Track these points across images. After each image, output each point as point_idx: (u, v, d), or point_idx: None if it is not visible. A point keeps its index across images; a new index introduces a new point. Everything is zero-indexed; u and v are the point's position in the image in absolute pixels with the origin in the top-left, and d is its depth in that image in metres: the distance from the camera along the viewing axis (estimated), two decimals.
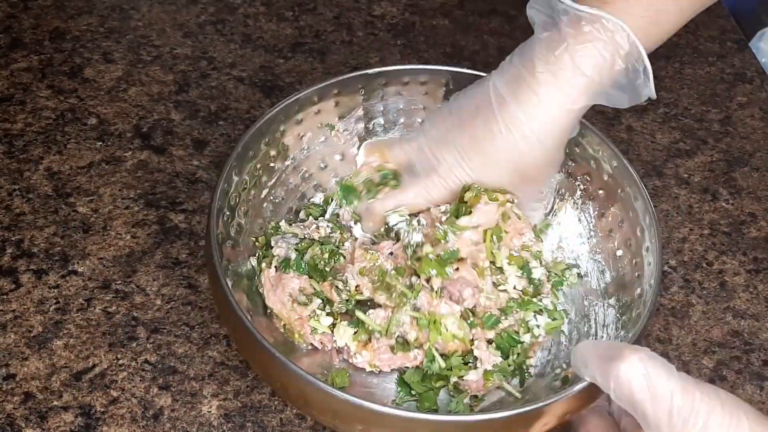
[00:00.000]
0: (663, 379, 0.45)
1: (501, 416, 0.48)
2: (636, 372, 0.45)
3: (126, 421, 0.56)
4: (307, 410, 0.53)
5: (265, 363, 0.49)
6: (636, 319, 0.54)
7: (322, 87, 0.63)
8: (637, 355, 0.45)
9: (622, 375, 0.45)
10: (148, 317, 0.62)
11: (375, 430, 0.48)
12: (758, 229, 0.74)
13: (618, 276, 0.60)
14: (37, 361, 0.59)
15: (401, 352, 0.56)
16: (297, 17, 0.90)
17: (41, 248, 0.66)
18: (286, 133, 0.62)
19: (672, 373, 0.45)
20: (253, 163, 0.60)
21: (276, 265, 0.59)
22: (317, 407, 0.49)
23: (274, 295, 0.57)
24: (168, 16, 0.88)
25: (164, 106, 0.78)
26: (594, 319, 0.60)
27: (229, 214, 0.57)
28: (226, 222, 0.57)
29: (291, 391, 0.49)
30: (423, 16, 0.91)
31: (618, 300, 0.59)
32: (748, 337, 0.66)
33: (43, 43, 0.83)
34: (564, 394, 0.48)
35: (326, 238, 0.60)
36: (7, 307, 0.62)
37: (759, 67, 0.89)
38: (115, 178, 0.72)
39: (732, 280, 0.69)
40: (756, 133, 0.82)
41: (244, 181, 0.59)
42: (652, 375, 0.45)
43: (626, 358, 0.45)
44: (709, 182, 0.77)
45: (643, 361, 0.45)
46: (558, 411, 0.49)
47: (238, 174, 0.58)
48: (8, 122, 0.75)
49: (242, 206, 0.59)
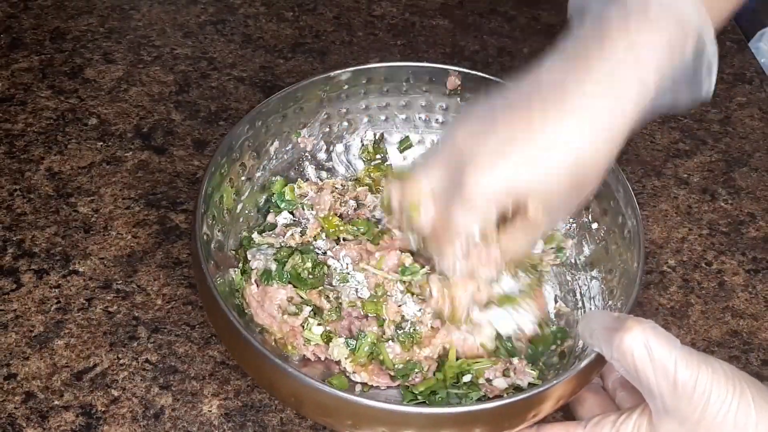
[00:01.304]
0: (665, 350, 0.45)
1: (497, 405, 0.48)
2: (638, 342, 0.46)
3: (127, 420, 0.57)
4: (300, 409, 0.53)
5: (258, 365, 0.50)
6: (626, 288, 0.55)
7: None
8: (641, 326, 0.46)
9: (624, 345, 0.46)
10: (148, 317, 0.62)
11: (365, 426, 0.48)
12: (757, 229, 0.74)
13: (597, 248, 0.61)
14: (38, 360, 0.59)
15: (406, 353, 0.56)
16: (297, 17, 0.90)
17: (42, 248, 0.66)
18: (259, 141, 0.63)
19: (675, 344, 0.46)
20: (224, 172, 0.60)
21: (256, 279, 0.58)
22: (309, 405, 0.49)
23: (262, 310, 0.57)
24: (168, 16, 0.88)
25: (165, 106, 0.78)
26: (579, 292, 0.61)
27: (211, 221, 0.58)
28: (210, 225, 0.58)
29: (283, 390, 0.50)
30: (423, 17, 0.91)
31: (600, 271, 0.60)
32: (747, 337, 0.66)
33: (44, 43, 0.83)
34: (557, 380, 0.48)
35: (305, 246, 0.60)
36: (9, 306, 0.62)
37: (758, 67, 0.89)
38: (115, 178, 0.72)
39: (731, 280, 0.70)
40: (755, 134, 0.82)
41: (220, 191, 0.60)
42: (653, 345, 0.45)
43: (629, 328, 0.46)
44: (708, 182, 0.77)
45: (646, 332, 0.46)
46: (555, 395, 0.49)
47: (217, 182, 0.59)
48: (9, 122, 0.75)
49: (218, 222, 0.59)
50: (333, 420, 0.50)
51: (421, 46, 0.87)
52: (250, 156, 0.62)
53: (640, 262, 0.54)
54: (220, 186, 0.59)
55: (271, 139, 0.64)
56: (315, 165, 0.67)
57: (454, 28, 0.90)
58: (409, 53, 0.86)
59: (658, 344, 0.45)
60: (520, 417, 0.49)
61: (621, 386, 0.54)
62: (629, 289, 0.54)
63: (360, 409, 0.47)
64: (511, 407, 0.48)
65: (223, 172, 0.60)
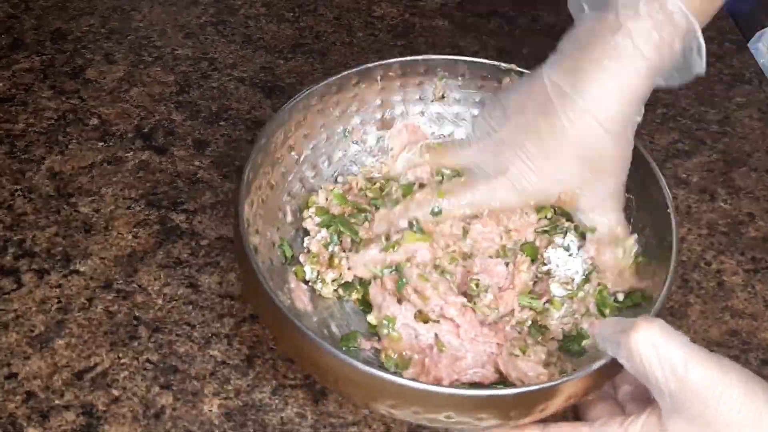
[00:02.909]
0: (674, 349, 0.45)
1: (506, 393, 0.48)
2: (645, 341, 0.46)
3: (127, 420, 0.57)
4: (336, 388, 0.53)
5: (296, 342, 0.49)
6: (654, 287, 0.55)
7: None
8: (648, 324, 0.46)
9: (632, 344, 0.46)
10: (149, 317, 0.63)
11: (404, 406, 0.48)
12: (756, 229, 0.74)
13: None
14: (39, 360, 0.59)
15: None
16: (297, 18, 0.90)
17: (43, 248, 0.66)
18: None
19: (685, 343, 0.46)
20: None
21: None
22: (344, 383, 0.49)
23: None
24: (169, 17, 0.88)
25: (165, 106, 0.79)
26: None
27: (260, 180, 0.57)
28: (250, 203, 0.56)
29: (321, 367, 0.50)
30: (423, 17, 0.91)
31: None
32: (746, 337, 0.66)
33: (45, 43, 0.83)
34: (569, 377, 0.48)
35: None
36: (9, 306, 0.62)
37: (757, 67, 0.89)
38: (116, 178, 0.72)
39: (730, 279, 0.70)
40: (754, 134, 0.82)
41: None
42: (661, 344, 0.45)
43: (637, 328, 0.46)
44: (707, 182, 0.77)
45: (653, 330, 0.46)
46: (566, 392, 0.49)
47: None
48: (10, 123, 0.75)
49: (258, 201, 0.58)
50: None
51: (420, 47, 0.87)
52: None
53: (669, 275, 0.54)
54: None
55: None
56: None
57: (454, 29, 0.90)
58: (409, 54, 0.86)
59: (666, 343, 0.45)
60: (527, 408, 0.49)
61: (631, 399, 0.53)
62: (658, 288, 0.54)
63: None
64: (519, 398, 0.48)
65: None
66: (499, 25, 0.91)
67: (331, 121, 0.63)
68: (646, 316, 0.47)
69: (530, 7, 0.93)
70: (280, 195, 0.60)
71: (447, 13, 0.92)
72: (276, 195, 0.60)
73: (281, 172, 0.60)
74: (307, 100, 0.61)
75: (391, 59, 0.64)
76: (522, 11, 0.93)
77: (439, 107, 0.66)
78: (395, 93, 0.65)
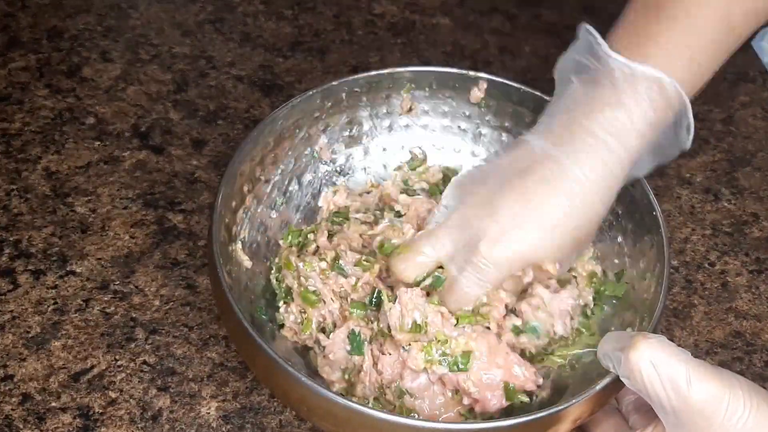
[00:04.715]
0: (674, 365, 0.45)
1: (513, 423, 0.47)
2: (644, 359, 0.45)
3: (124, 422, 0.56)
4: (309, 417, 0.52)
5: (266, 367, 0.49)
6: (649, 304, 0.54)
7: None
8: (647, 342, 0.46)
9: (631, 363, 0.46)
10: (146, 318, 0.62)
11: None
12: (761, 230, 0.73)
13: (620, 263, 0.59)
14: (35, 362, 0.59)
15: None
16: (296, 16, 0.89)
17: (39, 248, 0.65)
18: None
19: (685, 358, 0.45)
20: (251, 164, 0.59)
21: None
22: (317, 413, 0.48)
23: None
24: (166, 14, 0.87)
25: (163, 105, 0.78)
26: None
27: (229, 218, 0.57)
28: (227, 224, 0.56)
29: (292, 397, 0.49)
30: (423, 15, 0.91)
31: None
32: (751, 338, 0.65)
33: (41, 42, 0.82)
34: (575, 400, 0.47)
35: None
36: (5, 307, 0.62)
37: (761, 66, 0.89)
38: (113, 178, 0.71)
39: (734, 280, 0.69)
40: (758, 133, 0.82)
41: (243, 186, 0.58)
42: (661, 361, 0.45)
43: (635, 345, 0.46)
44: (711, 182, 0.77)
45: (652, 348, 0.45)
46: (573, 415, 0.48)
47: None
48: (6, 122, 0.75)
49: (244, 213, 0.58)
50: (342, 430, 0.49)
51: (421, 45, 0.87)
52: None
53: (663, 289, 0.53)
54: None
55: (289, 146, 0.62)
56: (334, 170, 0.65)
57: (455, 27, 0.90)
58: (409, 52, 0.86)
59: (667, 360, 0.45)
60: None
61: (635, 409, 0.53)
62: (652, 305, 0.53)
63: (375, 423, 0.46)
64: (526, 426, 0.47)
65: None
66: (500, 23, 0.90)
67: (298, 143, 0.62)
68: (645, 333, 0.47)
69: (531, 6, 0.93)
70: (254, 222, 0.60)
71: (448, 10, 0.92)
72: (252, 221, 0.59)
73: (253, 200, 0.60)
74: (272, 125, 0.60)
75: (356, 75, 0.63)
76: (523, 9, 0.92)
77: (407, 120, 0.66)
78: (362, 109, 0.64)
